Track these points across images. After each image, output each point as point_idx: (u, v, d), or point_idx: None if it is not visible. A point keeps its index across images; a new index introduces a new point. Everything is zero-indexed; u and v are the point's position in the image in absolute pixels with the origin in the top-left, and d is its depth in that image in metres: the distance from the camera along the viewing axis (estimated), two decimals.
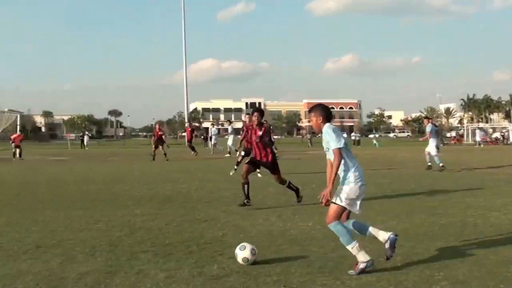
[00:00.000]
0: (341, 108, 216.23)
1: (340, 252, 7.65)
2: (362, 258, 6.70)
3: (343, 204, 6.84)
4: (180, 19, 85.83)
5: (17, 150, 38.15)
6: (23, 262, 7.46)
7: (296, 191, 13.14)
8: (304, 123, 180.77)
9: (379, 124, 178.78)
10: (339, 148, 6.86)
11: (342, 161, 6.89)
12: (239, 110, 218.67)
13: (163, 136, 35.33)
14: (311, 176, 20.56)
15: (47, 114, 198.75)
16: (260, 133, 12.20)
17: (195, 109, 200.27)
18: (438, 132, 26.37)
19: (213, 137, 45.92)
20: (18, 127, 44.07)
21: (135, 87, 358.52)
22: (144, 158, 36.51)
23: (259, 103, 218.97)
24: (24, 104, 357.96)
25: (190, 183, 18.20)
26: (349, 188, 6.86)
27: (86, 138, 76.25)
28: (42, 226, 10.28)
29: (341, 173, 6.99)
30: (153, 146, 34.81)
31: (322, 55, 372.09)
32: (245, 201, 12.31)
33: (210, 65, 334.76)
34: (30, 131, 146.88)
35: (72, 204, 13.22)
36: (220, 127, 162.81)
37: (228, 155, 37.35)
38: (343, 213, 6.97)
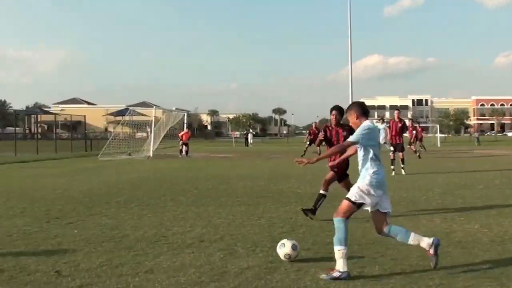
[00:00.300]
0: None
1: (506, 257, 7.42)
2: (341, 267, 6.60)
3: (353, 199, 7.00)
4: (346, 16, 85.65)
5: (184, 148, 39.36)
6: (186, 255, 7.71)
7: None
8: (472, 121, 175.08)
9: None
10: (353, 142, 7.12)
11: (367, 161, 7.05)
12: (405, 107, 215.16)
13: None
14: (477, 176, 19.86)
15: (213, 113, 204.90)
16: (344, 133, 10.75)
17: None
18: None
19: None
20: (185, 125, 45.58)
21: (300, 85, 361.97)
22: (306, 156, 36.69)
23: (426, 100, 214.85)
24: (191, 103, 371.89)
25: (353, 181, 18.02)
26: (362, 185, 6.98)
27: (250, 136, 77.77)
28: (205, 221, 10.60)
29: (361, 170, 7.15)
30: (307, 144, 35.97)
31: (493, 49, 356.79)
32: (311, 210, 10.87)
33: (376, 61, 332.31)
34: (196, 129, 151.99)
35: (235, 200, 13.50)
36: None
37: None
38: (353, 212, 7.14)
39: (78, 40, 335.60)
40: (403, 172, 21.17)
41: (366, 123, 7.15)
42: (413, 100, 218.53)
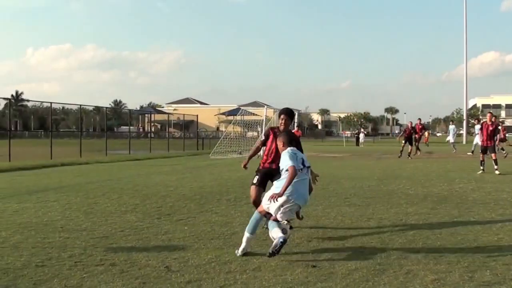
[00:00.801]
0: None
1: None
2: (243, 246, 7.75)
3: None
4: (462, 12, 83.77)
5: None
6: (294, 255, 7.78)
7: None
8: None
9: None
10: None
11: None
12: None
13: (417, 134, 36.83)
14: None
15: (323, 112, 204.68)
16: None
17: (474, 105, 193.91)
18: None
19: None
20: (295, 124, 45.69)
21: (413, 83, 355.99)
22: (419, 156, 36.12)
23: None
24: (302, 103, 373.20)
25: (466, 183, 17.64)
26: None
27: (361, 136, 77.06)
28: (313, 221, 10.60)
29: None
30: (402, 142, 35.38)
31: None
32: None
33: (492, 59, 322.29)
34: (307, 129, 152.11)
35: (345, 201, 13.43)
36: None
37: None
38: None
39: (193, 41, 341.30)
40: (497, 172, 21.06)
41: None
42: None
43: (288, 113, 9.43)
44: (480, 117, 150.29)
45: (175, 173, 22.24)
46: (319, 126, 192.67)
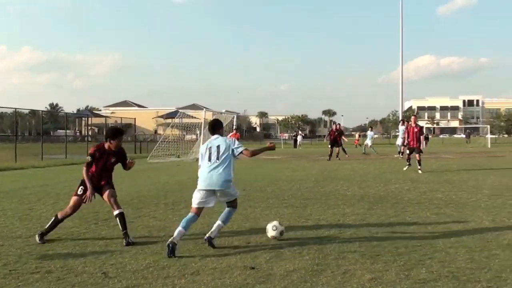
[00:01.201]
0: None
1: None
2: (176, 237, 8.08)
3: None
4: (398, 16, 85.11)
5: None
6: (232, 257, 7.76)
7: None
8: None
9: None
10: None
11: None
12: (455, 108, 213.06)
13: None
14: None
15: (262, 115, 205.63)
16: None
17: (410, 107, 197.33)
18: None
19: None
20: (234, 126, 45.71)
21: (351, 87, 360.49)
22: (353, 157, 36.59)
23: (477, 101, 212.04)
24: (241, 105, 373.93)
25: (401, 183, 17.94)
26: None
27: (299, 138, 77.66)
28: (252, 222, 10.67)
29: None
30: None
31: None
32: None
33: (428, 62, 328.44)
34: (245, 131, 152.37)
35: (283, 202, 13.51)
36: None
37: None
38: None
39: (131, 43, 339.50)
40: (420, 172, 22.34)
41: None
42: (463, 101, 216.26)
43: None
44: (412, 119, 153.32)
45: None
46: (258, 129, 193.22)
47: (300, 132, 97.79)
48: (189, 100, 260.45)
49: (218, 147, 8.80)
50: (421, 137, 23.94)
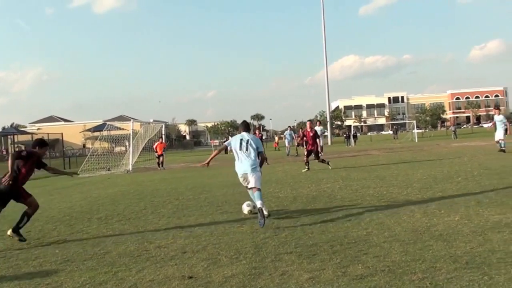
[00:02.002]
0: (486, 96, 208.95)
1: (487, 247, 7.46)
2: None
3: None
4: (321, 18, 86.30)
5: (160, 159, 38.68)
6: (169, 268, 7.69)
7: None
8: (448, 115, 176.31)
9: None
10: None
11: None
12: (381, 105, 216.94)
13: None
14: (456, 168, 20.04)
15: (191, 122, 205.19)
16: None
17: (337, 107, 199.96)
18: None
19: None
20: (164, 137, 45.38)
21: (278, 90, 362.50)
22: (285, 160, 36.80)
23: (402, 97, 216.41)
24: (169, 114, 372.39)
25: (333, 182, 18.12)
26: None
27: None
28: (187, 231, 10.56)
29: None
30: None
31: (467, 43, 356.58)
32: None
33: (353, 61, 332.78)
34: (174, 140, 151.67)
35: (217, 209, 13.49)
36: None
37: None
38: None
39: (53, 58, 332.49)
40: (330, 168, 24.38)
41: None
42: (389, 98, 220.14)
43: None
44: (343, 118, 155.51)
45: (43, 195, 21.52)
46: (187, 137, 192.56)
47: (230, 138, 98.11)
48: (116, 112, 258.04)
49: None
50: (317, 139, 25.52)
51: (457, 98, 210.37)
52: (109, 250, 9.26)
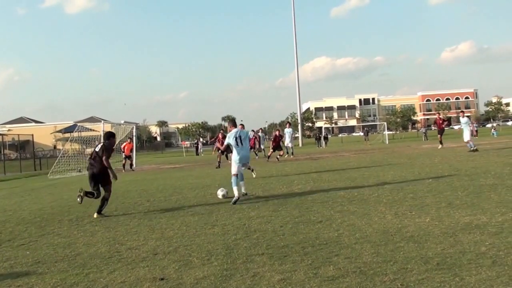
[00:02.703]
0: (457, 98, 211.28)
1: (458, 248, 7.53)
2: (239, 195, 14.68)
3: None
4: (291, 19, 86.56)
5: (128, 161, 38.11)
6: (141, 269, 7.67)
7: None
8: (419, 116, 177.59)
9: (497, 112, 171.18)
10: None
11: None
12: (352, 107, 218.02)
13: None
14: (426, 170, 20.18)
15: (162, 124, 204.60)
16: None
17: (308, 109, 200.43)
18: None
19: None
20: (135, 138, 45.13)
21: (249, 91, 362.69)
22: (255, 161, 36.84)
23: (373, 99, 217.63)
24: (140, 116, 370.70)
25: (304, 184, 18.17)
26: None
27: (200, 145, 77.73)
28: (159, 233, 10.53)
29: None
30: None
31: (439, 45, 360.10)
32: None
33: (324, 63, 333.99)
34: (145, 141, 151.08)
35: (188, 211, 13.44)
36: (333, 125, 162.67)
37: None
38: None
39: (23, 57, 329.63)
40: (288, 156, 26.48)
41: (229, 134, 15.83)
42: (360, 100, 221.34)
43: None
44: (314, 120, 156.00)
45: (13, 197, 21.38)
46: (158, 138, 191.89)
47: (201, 139, 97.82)
48: (87, 113, 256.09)
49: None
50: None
51: (428, 100, 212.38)
52: (80, 251, 9.22)
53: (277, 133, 37.05)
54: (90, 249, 9.39)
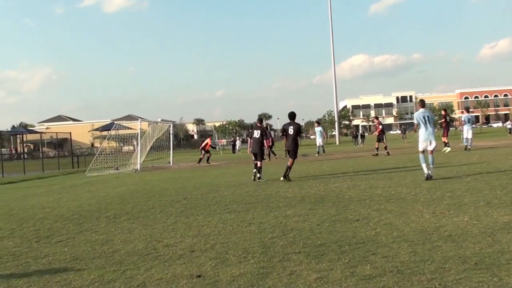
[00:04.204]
0: (496, 96, 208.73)
1: (496, 248, 7.41)
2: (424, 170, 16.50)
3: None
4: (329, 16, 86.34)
5: (206, 155, 40.40)
6: (178, 267, 7.68)
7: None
8: (457, 114, 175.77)
9: None
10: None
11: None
12: (390, 105, 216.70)
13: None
14: (464, 168, 20.00)
15: (198, 122, 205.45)
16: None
17: (345, 106, 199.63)
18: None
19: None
20: (171, 136, 45.40)
21: (286, 89, 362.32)
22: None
23: (410, 97, 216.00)
24: (177, 114, 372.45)
25: (341, 182, 18.10)
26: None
27: (238, 143, 77.93)
28: (196, 231, 10.55)
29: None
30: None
31: (478, 42, 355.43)
32: None
33: (362, 61, 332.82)
34: (183, 139, 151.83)
35: (225, 208, 13.47)
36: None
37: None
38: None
39: (60, 57, 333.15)
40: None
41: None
42: (397, 98, 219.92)
43: None
44: (351, 117, 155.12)
45: (51, 194, 21.64)
46: (195, 136, 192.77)
47: (238, 138, 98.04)
48: (124, 111, 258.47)
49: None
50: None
51: (466, 98, 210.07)
52: (118, 248, 9.28)
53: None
54: (128, 246, 9.45)
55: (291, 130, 20.71)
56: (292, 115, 21.19)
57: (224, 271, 7.20)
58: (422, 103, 18.44)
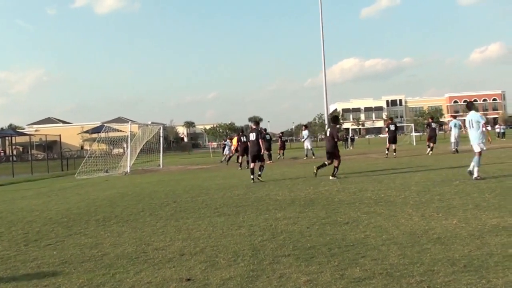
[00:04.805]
0: (484, 100, 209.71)
1: (485, 250, 7.46)
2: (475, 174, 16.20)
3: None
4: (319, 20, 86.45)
5: (229, 154, 41.98)
6: (167, 270, 7.67)
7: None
8: (446, 118, 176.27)
9: None
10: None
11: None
12: (379, 108, 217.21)
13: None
14: (454, 171, 20.04)
15: (189, 124, 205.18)
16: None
17: (335, 110, 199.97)
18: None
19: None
20: (161, 138, 45.36)
21: (278, 92, 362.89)
22: (284, 162, 36.81)
23: (400, 100, 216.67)
24: (168, 116, 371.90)
25: (331, 185, 18.12)
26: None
27: (227, 148, 77.93)
28: (185, 234, 10.53)
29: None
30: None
31: (468, 46, 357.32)
32: None
33: (352, 64, 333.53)
34: (173, 142, 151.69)
35: (215, 211, 13.46)
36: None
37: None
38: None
39: (53, 59, 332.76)
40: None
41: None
42: (387, 101, 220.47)
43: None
44: (341, 120, 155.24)
45: (40, 197, 21.55)
46: (185, 139, 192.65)
47: (228, 141, 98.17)
48: (114, 114, 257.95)
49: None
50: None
51: (455, 102, 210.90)
52: (107, 252, 9.26)
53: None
54: (117, 249, 9.43)
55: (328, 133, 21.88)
56: (334, 119, 23.25)
57: (214, 275, 7.19)
58: (469, 106, 18.16)
